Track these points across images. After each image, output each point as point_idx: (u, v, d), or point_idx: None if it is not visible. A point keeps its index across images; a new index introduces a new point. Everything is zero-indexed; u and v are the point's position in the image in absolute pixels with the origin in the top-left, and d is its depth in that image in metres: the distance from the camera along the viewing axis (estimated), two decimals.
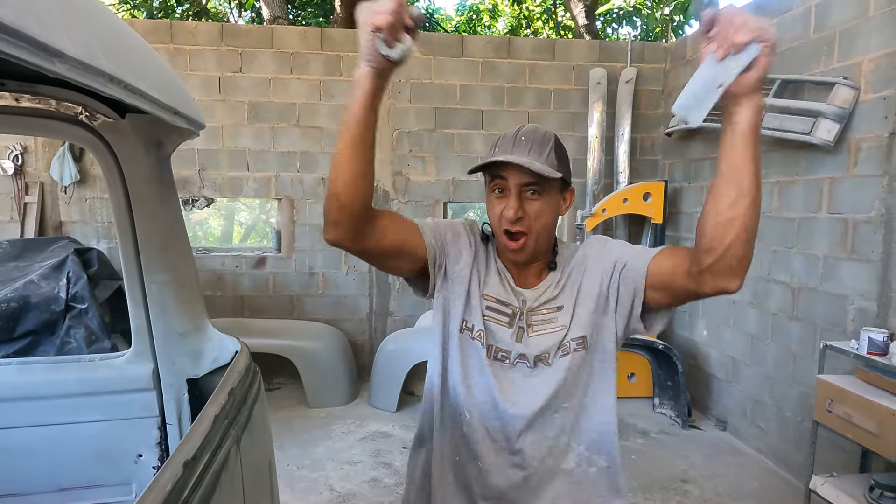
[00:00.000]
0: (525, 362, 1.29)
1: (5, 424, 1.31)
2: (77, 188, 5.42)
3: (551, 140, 1.28)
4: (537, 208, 1.25)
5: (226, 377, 1.17)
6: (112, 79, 0.66)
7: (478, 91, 5.64)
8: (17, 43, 0.50)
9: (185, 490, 0.72)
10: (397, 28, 1.01)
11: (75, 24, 0.62)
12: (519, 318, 1.30)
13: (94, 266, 3.78)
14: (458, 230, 1.37)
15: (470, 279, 1.32)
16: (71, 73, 0.58)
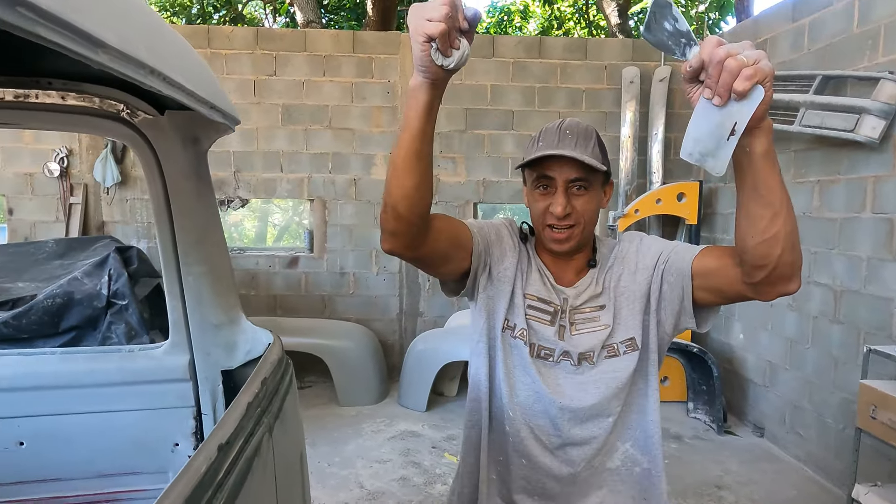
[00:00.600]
0: (569, 360, 1.28)
1: (50, 412, 1.36)
2: (118, 189, 5.60)
3: (593, 134, 1.27)
4: (584, 203, 1.24)
5: (258, 367, 1.19)
6: (152, 70, 0.68)
7: (508, 91, 5.63)
8: (62, 32, 0.52)
9: (219, 472, 0.74)
10: (452, 35, 0.94)
11: (116, 15, 0.65)
12: (561, 315, 1.29)
13: (133, 264, 3.89)
14: (501, 230, 1.36)
15: (514, 279, 1.31)
16: (112, 63, 0.60)
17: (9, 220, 5.62)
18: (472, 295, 1.35)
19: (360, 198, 5.74)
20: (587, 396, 1.26)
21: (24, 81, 1.19)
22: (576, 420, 1.27)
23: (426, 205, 1.11)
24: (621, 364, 1.27)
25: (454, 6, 0.92)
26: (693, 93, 0.93)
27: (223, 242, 1.38)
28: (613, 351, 1.27)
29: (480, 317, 1.33)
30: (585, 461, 1.29)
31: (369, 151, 5.68)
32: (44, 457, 1.37)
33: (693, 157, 0.92)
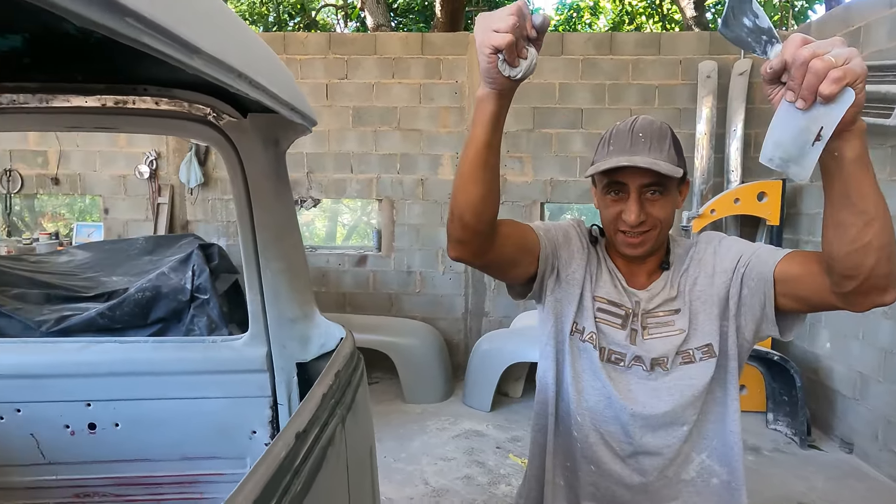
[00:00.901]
0: (641, 365, 1.23)
1: (142, 396, 1.47)
2: (201, 190, 5.92)
3: (668, 133, 1.21)
4: (659, 208, 1.19)
5: (332, 360, 1.23)
6: (240, 74, 0.72)
7: (577, 89, 5.53)
8: (164, 40, 0.56)
9: (296, 459, 0.77)
10: (519, 44, 0.91)
11: (208, 23, 0.69)
12: (633, 319, 1.25)
13: (215, 260, 4.11)
14: (569, 232, 1.33)
15: (583, 281, 1.28)
16: (205, 68, 0.64)
17: (105, 218, 6.06)
18: (539, 298, 1.32)
19: (427, 198, 5.81)
20: (660, 403, 1.21)
21: (123, 88, 1.28)
22: (648, 428, 1.22)
23: (493, 213, 1.10)
24: (697, 371, 1.21)
25: (521, 15, 0.89)
26: (774, 94, 0.87)
27: (299, 240, 1.44)
28: (689, 357, 1.22)
29: (548, 320, 1.31)
30: (658, 471, 1.24)
31: (436, 152, 5.73)
32: (136, 438, 1.47)
33: (774, 163, 0.86)
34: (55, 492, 1.51)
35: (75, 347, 1.51)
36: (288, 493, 0.70)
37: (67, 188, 6.06)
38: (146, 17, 0.51)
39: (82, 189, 6.07)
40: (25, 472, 1.49)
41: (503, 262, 1.22)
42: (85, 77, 1.28)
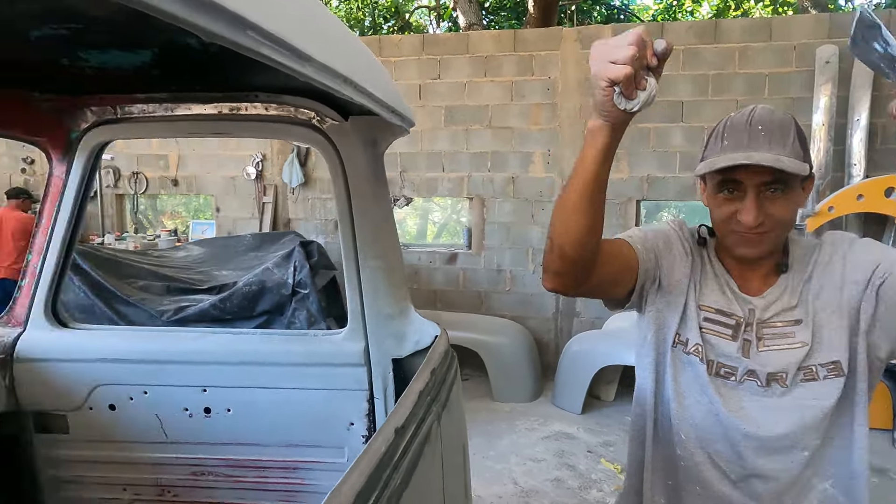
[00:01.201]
0: (755, 380, 1.12)
1: (250, 384, 1.57)
2: (301, 190, 6.22)
3: (791, 125, 1.07)
4: (780, 207, 1.07)
5: (428, 357, 1.25)
6: (346, 80, 0.74)
7: (677, 81, 5.27)
8: (279, 50, 0.59)
9: (395, 454, 0.79)
10: (638, 76, 0.85)
11: (316, 31, 0.72)
12: (745, 329, 1.14)
13: (314, 257, 4.32)
14: (670, 237, 1.23)
15: (687, 289, 1.19)
16: (315, 75, 0.67)
17: (216, 216, 6.53)
18: (639, 308, 1.25)
19: (517, 196, 5.77)
20: (778, 425, 1.11)
21: (237, 96, 1.38)
22: (763, 450, 1.12)
23: (596, 244, 1.05)
24: (822, 390, 1.09)
25: (642, 44, 0.83)
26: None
27: (396, 239, 1.48)
28: (812, 374, 1.09)
29: (648, 329, 1.23)
30: (774, 497, 1.13)
31: (527, 149, 5.68)
32: (246, 423, 1.58)
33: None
34: (175, 469, 1.65)
35: (192, 337, 1.64)
36: (388, 487, 0.72)
37: (185, 189, 6.59)
38: (265, 29, 0.54)
39: (197, 189, 6.57)
40: (151, 448, 1.64)
41: (602, 287, 1.16)
42: (204, 87, 1.38)
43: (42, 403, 1.65)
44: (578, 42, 5.47)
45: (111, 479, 1.68)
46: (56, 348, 1.62)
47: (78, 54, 1.20)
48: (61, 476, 1.70)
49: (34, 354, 1.63)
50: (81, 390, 1.63)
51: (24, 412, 1.66)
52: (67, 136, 1.50)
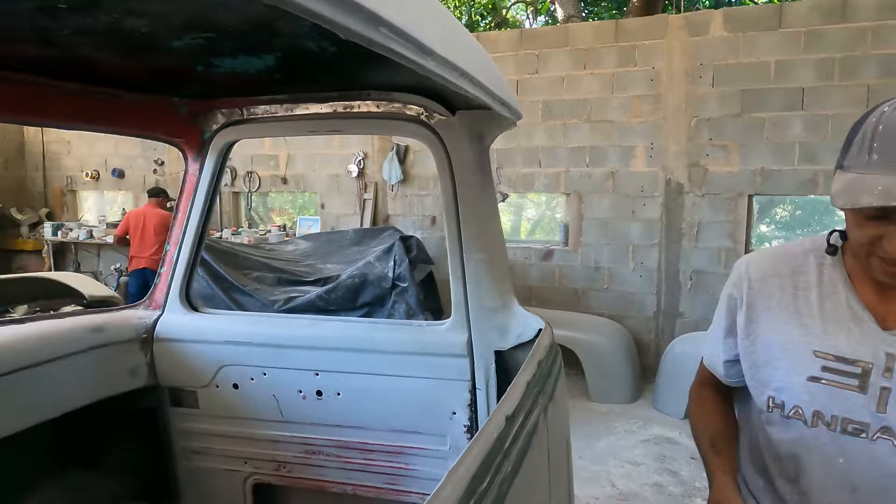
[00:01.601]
0: (892, 438, 0.95)
1: (358, 370, 1.64)
2: (400, 187, 6.40)
3: None
4: None
5: (534, 350, 1.26)
6: (463, 73, 0.76)
7: (797, 66, 4.88)
8: (406, 44, 0.61)
9: (506, 441, 0.80)
10: None
11: (435, 25, 0.74)
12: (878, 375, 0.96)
13: (413, 251, 4.44)
14: (732, 305, 1.13)
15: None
16: (436, 69, 0.69)
17: (321, 212, 6.87)
18: None
19: (617, 191, 5.59)
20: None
21: (351, 95, 1.45)
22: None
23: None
24: None
25: None
26: None
27: (500, 232, 1.49)
28: None
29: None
30: None
31: (629, 143, 5.49)
32: (353, 407, 1.66)
33: None
34: (289, 446, 1.76)
35: (306, 323, 1.75)
36: (500, 473, 0.74)
37: (293, 186, 6.99)
38: (395, 25, 0.57)
39: (304, 187, 6.94)
40: (268, 426, 1.76)
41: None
42: (320, 87, 1.47)
43: (176, 380, 1.82)
44: (685, 30, 5.20)
45: (233, 453, 1.83)
46: (188, 330, 1.79)
47: (211, 61, 1.31)
48: (191, 446, 1.87)
49: (170, 335, 1.80)
50: (209, 369, 1.78)
51: (162, 387, 1.84)
52: (201, 136, 1.65)
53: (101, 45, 1.18)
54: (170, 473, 1.91)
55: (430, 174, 6.22)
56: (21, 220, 8.31)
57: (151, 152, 7.76)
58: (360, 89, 1.44)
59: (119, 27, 1.07)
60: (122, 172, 7.98)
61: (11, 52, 1.19)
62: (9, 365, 1.42)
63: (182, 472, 1.89)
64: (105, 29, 1.08)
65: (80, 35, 1.12)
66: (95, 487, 1.90)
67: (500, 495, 0.71)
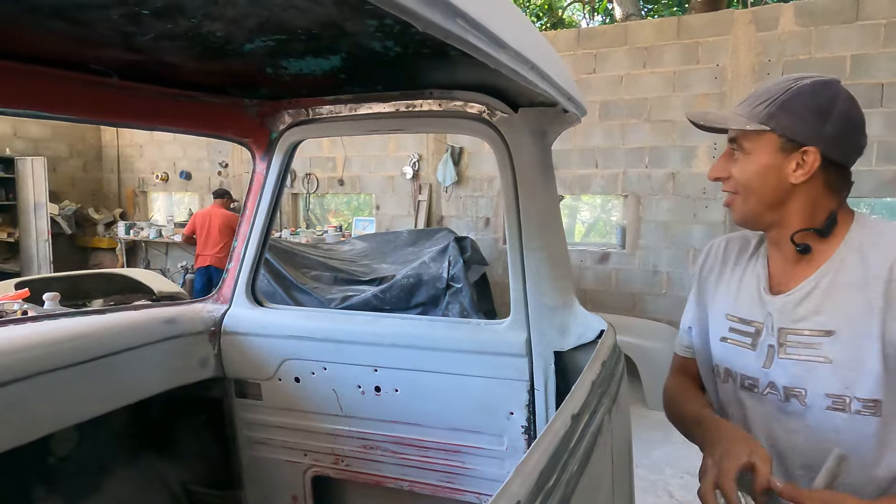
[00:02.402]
0: (777, 393, 1.07)
1: (417, 367, 1.65)
2: (454, 188, 6.43)
3: (787, 90, 1.03)
4: (738, 168, 1.08)
5: (598, 350, 1.23)
6: (533, 66, 0.76)
7: (877, 61, 4.61)
8: (481, 37, 0.61)
9: (572, 439, 0.79)
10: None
11: (506, 19, 0.74)
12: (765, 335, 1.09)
13: (467, 252, 4.44)
14: (697, 286, 1.30)
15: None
16: (509, 62, 0.69)
17: (376, 213, 6.98)
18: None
19: (677, 193, 5.43)
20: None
21: (413, 94, 1.46)
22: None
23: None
24: (848, 425, 1.00)
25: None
26: None
27: (561, 230, 1.47)
28: (841, 404, 0.99)
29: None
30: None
31: (690, 143, 5.32)
32: (411, 403, 1.67)
33: None
34: (348, 440, 1.79)
35: (366, 320, 1.77)
36: (566, 470, 0.73)
37: (349, 188, 7.13)
38: (471, 17, 0.57)
39: (360, 188, 7.07)
40: (328, 420, 1.80)
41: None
42: (384, 87, 1.49)
43: (241, 372, 1.89)
44: (753, 25, 5.00)
45: (294, 445, 1.87)
46: (254, 324, 1.85)
47: (280, 63, 1.35)
48: (254, 437, 1.93)
49: (236, 329, 1.86)
50: (272, 363, 1.83)
51: (228, 379, 1.91)
52: (268, 136, 1.71)
53: (179, 49, 1.24)
54: (233, 462, 1.98)
55: (485, 176, 6.21)
56: (98, 219, 8.84)
57: (216, 155, 8.09)
58: (422, 88, 1.45)
59: (197, 31, 1.12)
60: (189, 174, 8.35)
61: (99, 57, 1.26)
62: (92, 353, 1.51)
63: (245, 462, 1.96)
64: (183, 33, 1.13)
65: (160, 40, 1.17)
66: (165, 473, 1.99)
67: (566, 494, 0.70)
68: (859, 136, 1.06)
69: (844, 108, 1.02)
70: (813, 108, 1.02)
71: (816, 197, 1.05)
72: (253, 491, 1.97)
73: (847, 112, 1.03)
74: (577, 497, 0.76)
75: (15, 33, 1.12)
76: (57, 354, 1.44)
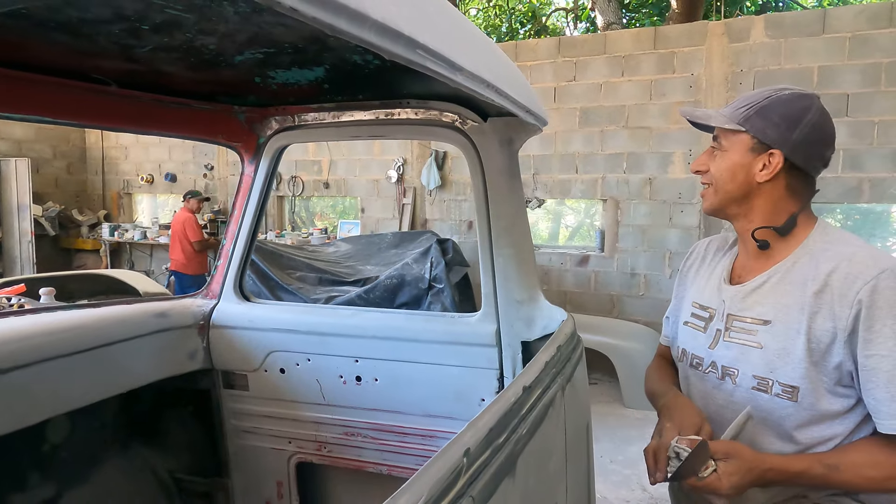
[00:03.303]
0: (716, 372, 1.21)
1: (396, 358, 1.77)
2: (438, 192, 6.55)
3: (767, 98, 1.14)
4: (715, 164, 1.20)
5: (555, 335, 1.36)
6: (489, 85, 0.88)
7: (842, 72, 4.82)
8: (439, 63, 0.73)
9: (523, 407, 0.91)
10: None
11: (464, 44, 0.86)
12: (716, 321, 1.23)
13: (449, 254, 4.56)
14: (678, 281, 1.45)
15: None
16: (465, 82, 0.81)
17: (361, 216, 7.08)
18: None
19: (654, 198, 5.60)
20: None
21: (391, 103, 1.58)
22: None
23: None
24: (767, 404, 1.13)
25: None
26: None
27: (528, 230, 1.59)
28: (764, 385, 1.12)
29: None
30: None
31: (667, 150, 5.50)
32: (390, 392, 1.78)
33: None
34: (330, 428, 1.90)
35: (348, 313, 1.89)
36: (516, 432, 0.84)
37: (334, 191, 7.22)
38: (429, 47, 0.69)
39: (345, 192, 7.17)
40: (312, 408, 1.90)
41: None
42: (364, 96, 1.60)
43: (229, 364, 1.99)
44: (726, 36, 5.20)
45: (279, 433, 1.98)
46: (241, 318, 1.95)
47: (268, 73, 1.46)
48: (241, 426, 2.02)
49: (224, 322, 1.96)
50: (259, 355, 1.94)
51: (216, 370, 2.00)
52: (256, 141, 1.81)
53: (174, 60, 1.34)
54: (220, 451, 2.07)
55: (467, 180, 6.35)
56: (82, 220, 8.83)
57: (202, 157, 8.14)
58: (400, 98, 1.57)
59: (191, 44, 1.23)
60: (174, 176, 8.39)
61: (99, 67, 1.37)
62: (88, 343, 1.61)
63: (232, 450, 2.05)
64: (179, 46, 1.24)
65: (157, 51, 1.28)
66: (154, 461, 2.08)
67: (514, 451, 0.81)
68: (825, 147, 1.15)
69: (814, 120, 1.12)
70: (785, 115, 1.12)
71: (778, 198, 1.15)
72: (239, 478, 2.07)
73: (816, 124, 1.12)
74: (525, 457, 0.87)
75: (23, 45, 1.22)
76: (55, 344, 1.53)
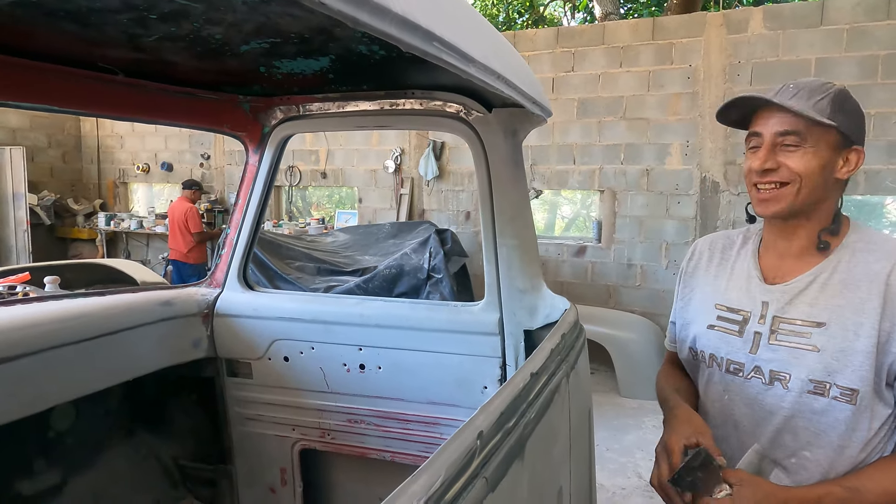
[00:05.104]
0: (761, 377, 1.13)
1: (399, 346, 1.79)
2: (436, 182, 6.55)
3: (831, 90, 1.06)
4: (797, 159, 1.04)
5: (559, 324, 1.38)
6: (499, 76, 0.89)
7: (839, 64, 4.84)
8: (453, 55, 0.75)
9: (530, 393, 0.93)
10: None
11: (474, 33, 0.87)
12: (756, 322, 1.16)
13: (448, 244, 4.58)
14: (681, 284, 1.36)
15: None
16: (477, 73, 0.83)
17: (359, 206, 7.08)
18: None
19: (651, 189, 5.62)
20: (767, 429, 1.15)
21: (396, 94, 1.59)
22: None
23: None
24: (826, 408, 1.07)
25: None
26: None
27: (531, 221, 1.61)
28: (821, 389, 1.05)
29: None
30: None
31: (664, 141, 5.51)
32: (393, 380, 1.80)
33: None
34: (334, 415, 1.92)
35: (352, 302, 1.90)
36: (525, 417, 0.87)
37: (332, 181, 7.21)
38: (445, 39, 0.71)
39: (342, 181, 7.16)
40: (315, 396, 1.93)
41: None
42: (369, 87, 1.61)
43: (233, 352, 2.00)
44: (724, 27, 5.20)
45: (283, 420, 2.00)
46: (245, 307, 1.97)
47: (273, 63, 1.47)
48: (245, 413, 2.05)
49: (228, 311, 1.98)
50: (263, 343, 1.96)
51: (220, 358, 2.02)
52: (261, 130, 1.82)
53: (180, 50, 1.35)
54: (224, 438, 2.09)
55: (465, 170, 6.35)
56: (77, 210, 8.80)
57: (198, 147, 8.11)
58: (404, 88, 1.58)
59: (198, 34, 1.24)
60: (170, 166, 8.36)
61: (106, 56, 1.37)
62: (94, 331, 1.62)
63: (235, 437, 2.08)
64: (185, 35, 1.25)
65: (163, 41, 1.29)
66: (158, 449, 2.10)
67: (524, 434, 0.84)
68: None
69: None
70: (856, 110, 1.09)
71: (839, 196, 1.11)
72: (243, 465, 2.09)
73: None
74: (533, 441, 0.90)
75: (31, 34, 1.22)
76: (62, 332, 1.55)
